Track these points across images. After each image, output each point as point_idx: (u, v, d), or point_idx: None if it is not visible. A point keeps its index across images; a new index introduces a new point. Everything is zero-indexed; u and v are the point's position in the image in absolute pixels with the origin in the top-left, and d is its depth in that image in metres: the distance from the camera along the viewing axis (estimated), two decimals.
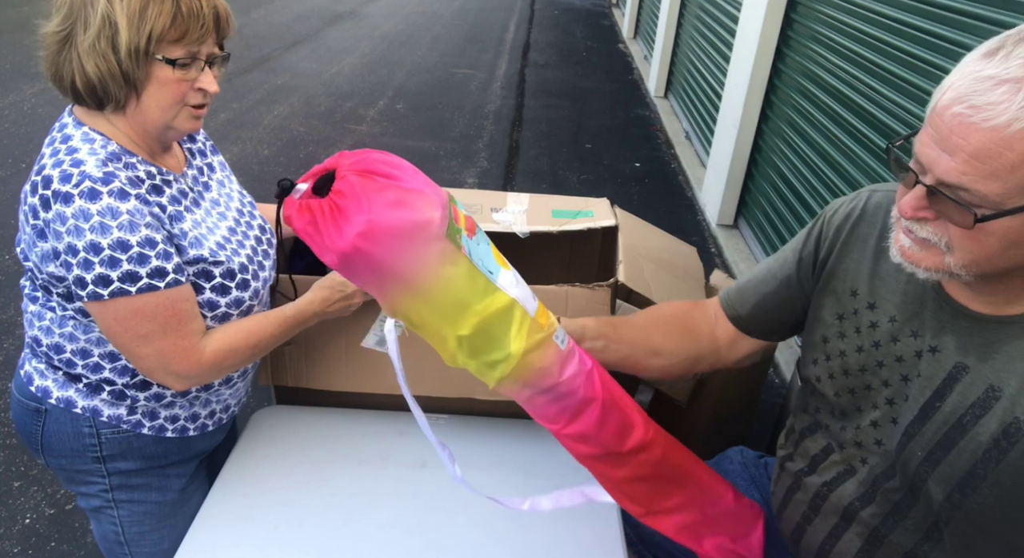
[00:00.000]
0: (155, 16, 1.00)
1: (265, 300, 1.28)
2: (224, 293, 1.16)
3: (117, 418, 1.20)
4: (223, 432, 1.38)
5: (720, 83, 4.56)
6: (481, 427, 1.49)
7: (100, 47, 1.00)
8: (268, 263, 1.28)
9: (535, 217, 1.64)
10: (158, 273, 1.04)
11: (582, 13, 11.87)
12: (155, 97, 1.06)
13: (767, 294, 1.14)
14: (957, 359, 0.88)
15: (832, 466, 1.06)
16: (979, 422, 0.85)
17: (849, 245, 1.03)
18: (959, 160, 0.73)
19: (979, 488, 0.85)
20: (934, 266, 0.82)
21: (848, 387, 1.02)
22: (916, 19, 2.38)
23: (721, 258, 3.90)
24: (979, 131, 0.71)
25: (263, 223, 1.34)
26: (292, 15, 9.88)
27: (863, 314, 1.00)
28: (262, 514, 1.27)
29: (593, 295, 1.38)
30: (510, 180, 4.81)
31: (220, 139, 5.09)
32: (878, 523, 1.00)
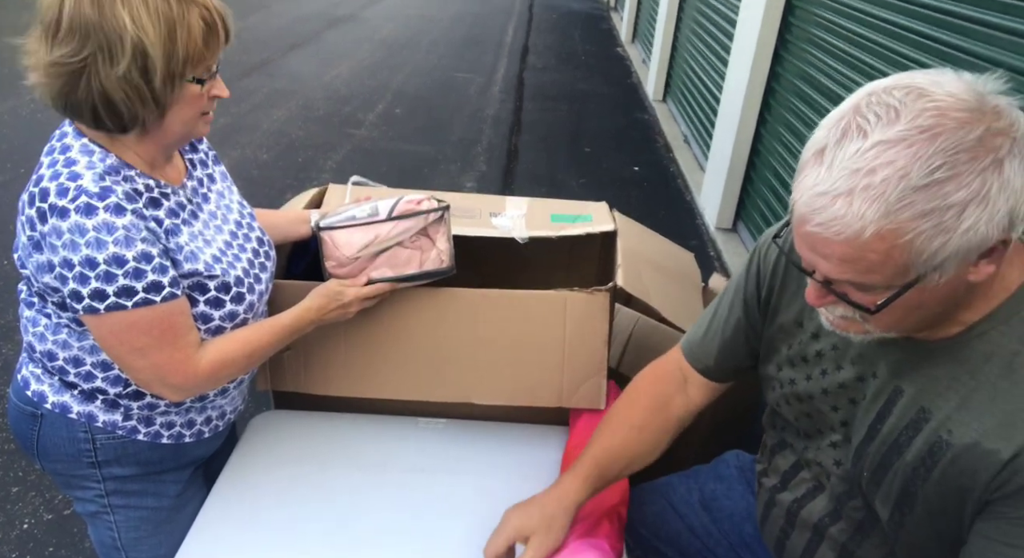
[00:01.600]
0: (185, 39, 1.00)
1: (261, 312, 1.29)
2: (218, 306, 1.16)
3: (112, 424, 1.20)
4: (220, 439, 1.38)
5: (718, 87, 4.57)
6: (479, 431, 1.49)
7: (133, 78, 0.99)
8: (265, 276, 1.28)
9: (534, 222, 1.65)
10: (154, 287, 1.04)
11: (580, 17, 11.88)
12: (179, 114, 1.07)
13: (726, 341, 1.18)
14: (895, 383, 0.91)
15: (802, 483, 1.09)
16: (911, 442, 0.88)
17: (788, 278, 1.05)
18: (834, 263, 0.78)
19: (914, 506, 0.88)
20: (861, 332, 0.88)
21: (805, 412, 1.06)
22: (914, 23, 2.39)
23: (720, 261, 3.90)
24: (837, 244, 0.75)
25: (261, 235, 1.33)
26: (291, 19, 9.89)
27: (808, 344, 1.03)
28: (260, 519, 1.27)
29: (592, 299, 1.38)
30: (509, 184, 4.82)
31: (219, 144, 5.09)
32: (846, 539, 1.02)
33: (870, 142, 0.72)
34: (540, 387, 1.39)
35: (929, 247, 0.73)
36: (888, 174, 0.71)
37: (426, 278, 1.37)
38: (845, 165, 0.73)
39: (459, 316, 1.40)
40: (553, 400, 1.39)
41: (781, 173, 3.47)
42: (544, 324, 1.38)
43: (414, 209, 1.34)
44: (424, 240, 1.36)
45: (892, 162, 0.71)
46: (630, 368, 1.80)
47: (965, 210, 0.71)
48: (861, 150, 0.73)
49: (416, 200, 1.37)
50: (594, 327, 1.38)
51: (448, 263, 1.39)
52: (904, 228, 0.72)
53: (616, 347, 1.78)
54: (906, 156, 0.71)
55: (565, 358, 1.38)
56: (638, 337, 1.80)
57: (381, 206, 1.36)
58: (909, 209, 0.71)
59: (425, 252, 1.37)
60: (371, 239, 1.32)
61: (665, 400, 1.22)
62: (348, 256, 1.32)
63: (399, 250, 1.34)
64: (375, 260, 1.34)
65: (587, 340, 1.38)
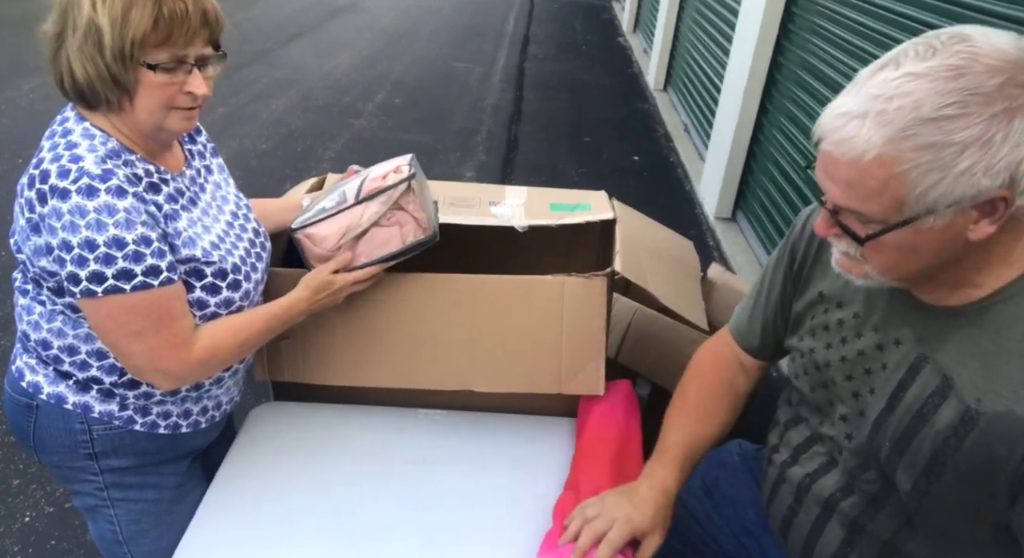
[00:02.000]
0: (137, 20, 0.99)
1: (256, 301, 1.28)
2: (214, 293, 1.16)
3: (108, 414, 1.19)
4: (217, 429, 1.38)
5: (719, 76, 4.55)
6: (479, 422, 1.49)
7: (87, 50, 1.00)
8: (261, 265, 1.28)
9: (533, 211, 1.64)
10: (152, 271, 1.04)
11: (582, 6, 11.83)
12: (144, 100, 1.05)
13: (767, 319, 1.21)
14: (919, 350, 0.92)
15: (815, 457, 1.09)
16: (937, 411, 0.88)
17: (822, 251, 1.08)
18: (840, 186, 0.81)
19: (942, 475, 0.88)
20: (860, 274, 0.90)
21: (820, 382, 1.07)
22: (916, 11, 2.37)
23: (719, 251, 3.90)
24: (843, 165, 0.79)
25: (257, 227, 1.33)
26: (291, 8, 9.85)
27: (832, 313, 1.05)
28: (261, 510, 1.27)
29: (589, 284, 1.37)
30: (508, 173, 4.81)
31: (218, 134, 5.08)
32: (857, 514, 1.02)
33: (899, 73, 0.76)
34: (538, 373, 1.39)
35: (923, 182, 0.75)
36: (903, 103, 0.74)
37: (412, 251, 1.34)
38: (870, 91, 0.76)
39: (457, 303, 1.39)
40: (552, 386, 1.39)
41: (781, 163, 3.46)
42: (542, 310, 1.38)
43: (380, 186, 1.30)
44: (400, 214, 1.32)
45: (910, 93, 0.74)
46: (629, 358, 1.80)
47: (965, 151, 0.73)
48: (888, 79, 0.76)
49: (382, 174, 1.33)
50: (592, 312, 1.38)
51: (430, 230, 1.35)
52: (903, 158, 0.75)
53: (615, 337, 1.78)
54: (925, 90, 0.73)
55: (563, 344, 1.38)
56: (637, 327, 1.80)
57: (348, 190, 1.33)
58: (912, 140, 0.74)
59: (404, 226, 1.33)
60: (346, 226, 1.30)
61: (729, 383, 1.27)
62: (328, 250, 1.31)
63: (377, 231, 1.31)
64: (356, 246, 1.32)
65: (585, 325, 1.38)
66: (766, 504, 1.20)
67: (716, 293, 2.03)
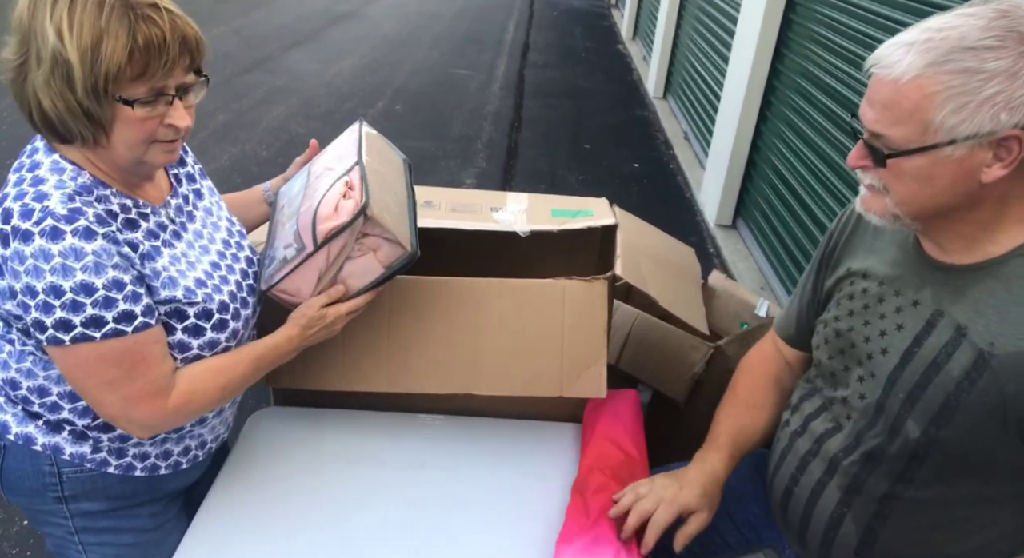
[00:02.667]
0: (110, 53, 0.90)
1: (247, 337, 1.22)
2: (197, 334, 1.09)
3: (80, 456, 1.12)
4: (201, 469, 1.30)
5: (719, 84, 4.57)
6: (479, 427, 1.49)
7: (56, 85, 0.92)
8: (253, 299, 1.22)
9: (535, 217, 1.65)
10: (125, 317, 0.98)
11: (581, 14, 11.87)
12: (121, 136, 0.97)
13: (803, 306, 1.27)
14: (935, 307, 0.98)
15: (822, 423, 1.14)
16: (951, 358, 0.94)
17: (853, 235, 1.15)
18: (876, 110, 0.89)
19: (952, 418, 0.94)
20: (880, 209, 0.97)
21: (838, 348, 1.12)
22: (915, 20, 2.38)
23: (719, 258, 3.90)
24: (885, 84, 0.87)
25: (251, 254, 1.27)
26: (292, 15, 9.88)
27: (857, 283, 1.11)
28: (260, 515, 1.27)
29: (590, 288, 1.38)
30: (509, 180, 4.82)
31: (219, 140, 5.09)
32: (857, 470, 1.06)
33: (955, 12, 0.85)
34: (540, 377, 1.39)
35: (949, 105, 0.83)
36: (949, 34, 0.83)
37: (397, 271, 1.26)
38: (924, 25, 0.86)
39: (457, 306, 1.40)
40: (554, 390, 1.39)
41: (781, 170, 3.47)
42: (543, 313, 1.38)
43: (335, 226, 1.16)
44: (369, 239, 1.22)
45: (958, 26, 0.83)
46: (630, 365, 1.80)
47: (993, 80, 0.81)
48: (944, 17, 0.86)
49: (332, 208, 1.18)
50: (593, 316, 1.38)
51: (408, 246, 1.24)
52: (937, 80, 0.83)
53: (615, 343, 1.78)
54: (971, 24, 0.83)
55: (564, 347, 1.38)
56: (638, 333, 1.80)
57: (301, 227, 1.20)
58: (949, 65, 0.82)
59: (379, 250, 1.23)
60: (317, 274, 1.21)
61: (775, 378, 1.31)
62: (311, 295, 1.25)
63: (351, 264, 1.22)
64: (337, 282, 1.25)
65: (586, 329, 1.38)
66: (770, 478, 1.23)
67: (717, 300, 2.04)
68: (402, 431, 1.47)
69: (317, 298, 1.21)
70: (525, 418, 1.52)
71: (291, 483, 1.34)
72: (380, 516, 1.28)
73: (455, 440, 1.46)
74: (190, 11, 1.01)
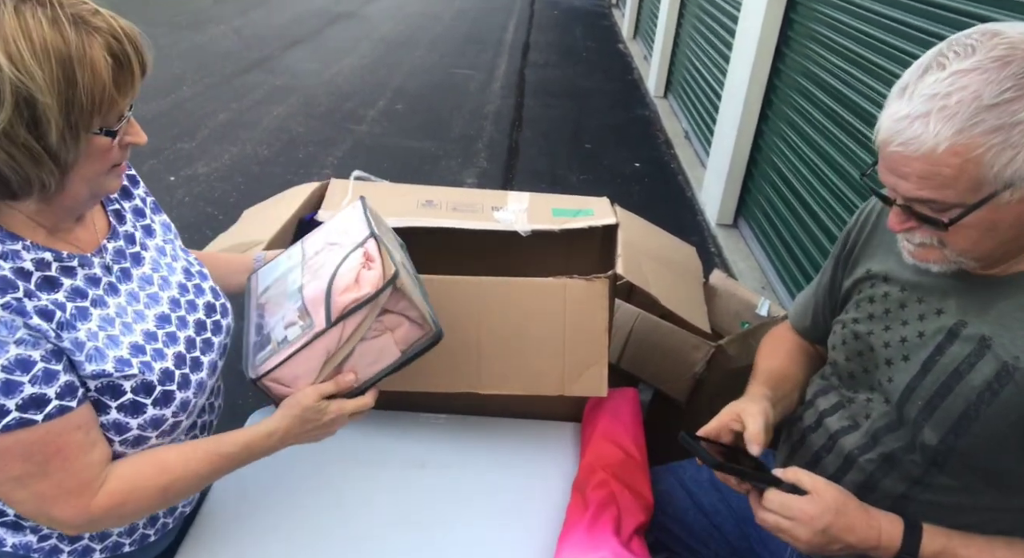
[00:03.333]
0: (89, 82, 0.77)
1: (203, 406, 1.06)
2: (136, 413, 0.91)
3: (25, 546, 0.96)
4: (172, 535, 1.16)
5: (720, 83, 4.57)
6: (479, 426, 1.49)
7: (16, 134, 0.75)
8: (211, 356, 1.04)
9: (536, 216, 1.65)
10: (34, 403, 0.82)
11: (582, 13, 11.86)
12: (83, 172, 0.84)
13: (819, 303, 1.28)
14: (958, 317, 0.98)
15: (839, 420, 1.13)
16: (974, 368, 0.94)
17: (872, 234, 1.15)
18: (913, 181, 0.87)
19: (970, 428, 0.94)
20: (940, 260, 0.95)
21: (856, 351, 1.11)
22: (916, 19, 2.38)
23: (720, 258, 3.90)
24: (915, 160, 0.85)
25: (213, 300, 1.11)
26: (292, 15, 9.88)
27: (878, 286, 1.10)
28: (260, 513, 1.27)
29: (591, 287, 1.38)
30: (510, 180, 4.81)
31: (219, 140, 5.09)
32: (873, 469, 1.06)
33: (947, 72, 0.83)
34: (541, 376, 1.39)
35: (999, 160, 0.81)
36: (962, 97, 0.81)
37: (413, 358, 1.10)
38: (924, 92, 0.83)
39: (458, 305, 1.40)
40: (555, 389, 1.39)
41: (782, 169, 3.47)
42: (544, 312, 1.38)
43: (357, 298, 0.99)
44: (388, 317, 1.05)
45: (966, 87, 0.81)
46: (631, 364, 1.80)
47: None
48: (939, 79, 0.83)
49: (352, 278, 1.01)
50: (594, 315, 1.38)
51: (429, 326, 1.09)
52: (975, 143, 0.81)
53: (617, 343, 1.78)
54: (979, 81, 0.80)
55: (566, 346, 1.38)
56: (639, 333, 1.80)
57: (309, 302, 1.02)
58: (980, 126, 0.80)
59: (396, 330, 1.06)
60: (323, 358, 1.02)
61: (801, 346, 1.33)
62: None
63: (364, 345, 1.04)
64: (342, 372, 1.07)
65: (587, 328, 1.38)
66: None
67: (718, 299, 2.03)
68: (403, 430, 1.47)
69: (318, 387, 1.03)
70: (525, 417, 1.52)
71: (291, 482, 1.34)
72: (381, 514, 1.28)
73: (456, 439, 1.46)
74: (190, 11, 0.98)
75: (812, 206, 3.07)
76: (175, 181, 4.37)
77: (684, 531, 1.34)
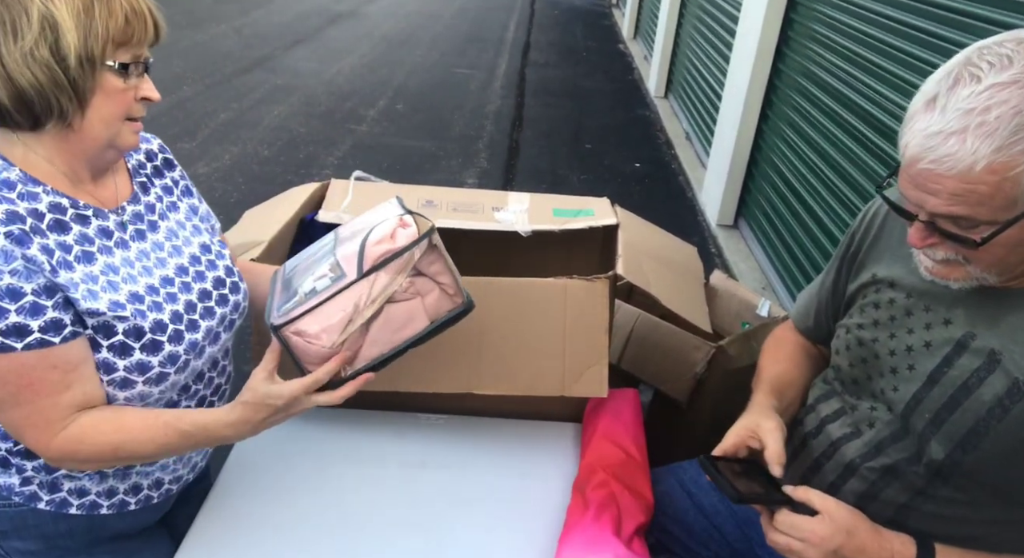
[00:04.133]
0: (104, 16, 0.87)
1: (199, 369, 1.07)
2: (124, 354, 0.95)
3: (8, 488, 1.01)
4: (158, 511, 1.16)
5: (720, 83, 4.56)
6: (480, 427, 1.49)
7: (40, 55, 0.84)
8: (211, 320, 1.07)
9: (536, 216, 1.65)
10: (15, 331, 0.86)
11: (582, 13, 11.86)
12: (100, 110, 0.91)
13: (822, 303, 1.26)
14: (967, 328, 0.95)
15: (841, 427, 1.12)
16: (983, 383, 0.92)
17: (879, 238, 1.12)
18: (943, 197, 0.83)
19: (979, 444, 0.92)
20: (962, 277, 0.92)
21: (860, 357, 1.10)
22: (916, 19, 2.38)
23: (721, 258, 3.90)
24: (949, 178, 0.81)
25: (226, 275, 1.14)
26: (292, 14, 9.88)
27: (883, 292, 1.08)
28: (261, 514, 1.27)
29: (592, 287, 1.38)
30: (510, 180, 4.81)
31: (220, 139, 5.09)
32: (875, 478, 1.05)
33: (983, 85, 0.78)
34: (542, 376, 1.39)
35: None
36: (1002, 112, 0.77)
37: (442, 328, 1.05)
38: (959, 107, 0.79)
39: None
40: (555, 389, 1.39)
41: (783, 170, 3.47)
42: (545, 313, 1.38)
43: (390, 250, 0.98)
44: (420, 281, 1.02)
45: (1006, 101, 0.77)
46: (631, 364, 1.80)
47: None
48: (975, 92, 0.79)
49: (388, 232, 1.00)
50: (595, 315, 1.38)
51: (461, 296, 1.06)
52: (1015, 161, 0.78)
53: (617, 343, 1.78)
54: (1020, 96, 0.77)
55: (566, 346, 1.38)
56: (639, 333, 1.80)
57: (342, 258, 1.00)
58: (1021, 143, 0.77)
59: (427, 296, 1.03)
60: (350, 312, 0.98)
61: (804, 348, 1.31)
62: (329, 347, 1.00)
63: (393, 308, 1.01)
64: (366, 334, 1.01)
65: (588, 328, 1.38)
66: None
67: (719, 300, 2.04)
68: (403, 430, 1.47)
69: (304, 380, 0.99)
70: (525, 418, 1.52)
71: (292, 482, 1.34)
72: (381, 515, 1.28)
73: (456, 439, 1.46)
74: (190, 10, 1.01)
75: (812, 206, 3.07)
76: None
77: (684, 532, 1.34)
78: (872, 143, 2.58)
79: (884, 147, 2.48)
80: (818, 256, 2.96)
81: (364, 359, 1.04)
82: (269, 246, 1.44)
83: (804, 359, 1.29)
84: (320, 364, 1.00)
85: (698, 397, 1.78)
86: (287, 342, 1.00)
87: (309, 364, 1.01)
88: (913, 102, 0.85)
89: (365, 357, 1.04)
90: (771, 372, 1.25)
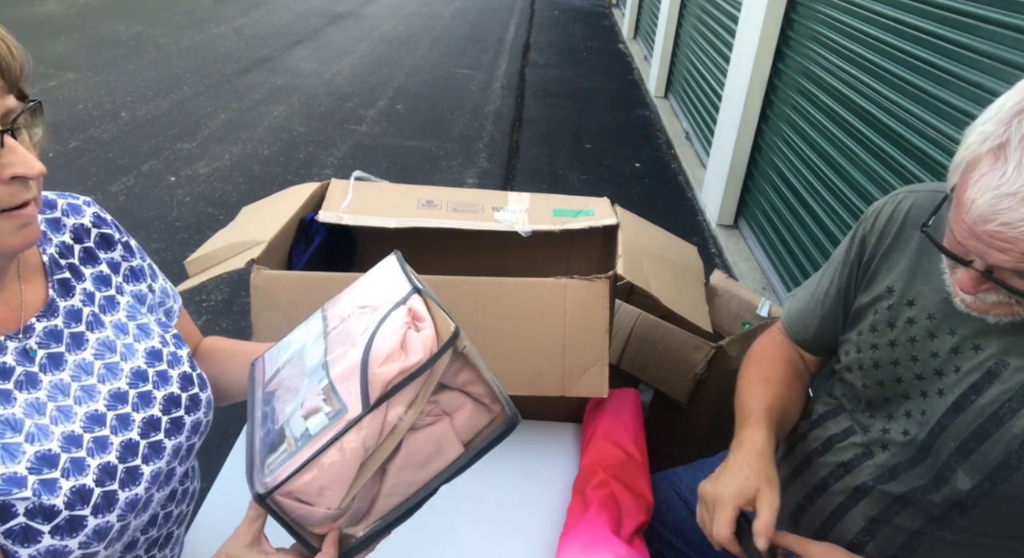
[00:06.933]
0: None
1: (143, 523, 0.86)
2: (28, 541, 0.70)
3: None
4: None
5: (720, 83, 4.56)
6: None
7: None
8: (158, 461, 0.84)
9: (536, 216, 1.64)
10: None
11: (582, 13, 11.86)
12: None
13: (825, 314, 1.19)
14: (1000, 356, 0.92)
15: (851, 448, 1.08)
16: (1015, 414, 0.89)
17: (894, 247, 1.06)
18: (1011, 256, 0.78)
19: (1011, 477, 0.90)
20: (1006, 314, 0.88)
21: (877, 380, 1.05)
22: (917, 19, 2.38)
23: (721, 258, 3.90)
24: (1021, 241, 0.76)
25: (180, 389, 0.89)
26: (292, 15, 9.88)
27: (901, 310, 1.03)
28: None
29: (592, 287, 1.37)
30: (510, 180, 4.81)
31: (220, 140, 5.09)
32: (888, 503, 1.02)
33: None
34: (542, 376, 1.39)
35: None
36: None
37: (482, 454, 0.81)
38: (1020, 162, 0.74)
39: (459, 305, 1.39)
40: (555, 389, 1.39)
41: (783, 170, 3.47)
42: (544, 312, 1.38)
43: (404, 370, 0.73)
44: (447, 396, 0.79)
45: None
46: (631, 365, 1.80)
47: None
48: None
49: (396, 344, 0.74)
50: (595, 315, 1.38)
51: (500, 404, 0.81)
52: None
53: (617, 344, 1.78)
54: None
55: (566, 346, 1.38)
56: (639, 334, 1.80)
57: (338, 379, 0.75)
58: None
59: (457, 412, 0.79)
60: (359, 456, 0.74)
61: (791, 362, 1.24)
62: (334, 510, 0.76)
63: (414, 438, 0.77)
64: (383, 480, 0.78)
65: (588, 328, 1.38)
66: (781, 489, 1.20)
67: (719, 300, 2.03)
68: None
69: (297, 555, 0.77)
70: (525, 417, 1.51)
71: None
72: None
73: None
74: (190, 11, 0.96)
75: (812, 206, 3.07)
76: (175, 181, 4.37)
77: (683, 542, 1.33)
78: (872, 143, 2.58)
79: (884, 147, 2.48)
80: (818, 256, 2.96)
81: (381, 511, 0.79)
82: (269, 246, 1.44)
83: (794, 380, 1.22)
84: (326, 528, 0.78)
85: (698, 397, 1.78)
86: (281, 509, 0.78)
87: (311, 527, 0.79)
88: (974, 139, 0.80)
89: (382, 509, 0.79)
90: (766, 399, 1.15)
